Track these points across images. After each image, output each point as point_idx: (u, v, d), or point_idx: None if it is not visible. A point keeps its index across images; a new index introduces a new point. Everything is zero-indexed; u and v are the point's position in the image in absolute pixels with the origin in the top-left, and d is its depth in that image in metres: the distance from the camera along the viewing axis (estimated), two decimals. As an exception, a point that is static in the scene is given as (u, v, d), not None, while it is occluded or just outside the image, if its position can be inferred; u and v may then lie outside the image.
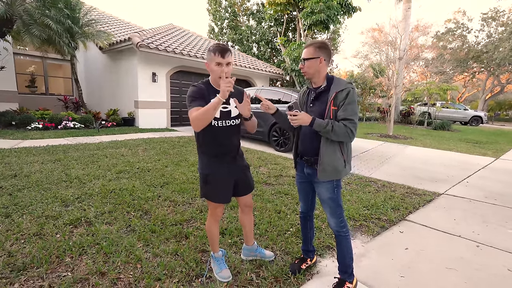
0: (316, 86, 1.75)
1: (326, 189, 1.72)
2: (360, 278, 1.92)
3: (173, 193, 3.34)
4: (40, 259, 1.96)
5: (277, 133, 6.52)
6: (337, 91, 1.62)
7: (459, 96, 30.50)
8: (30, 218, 2.55)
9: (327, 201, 1.74)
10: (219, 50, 1.59)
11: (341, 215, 1.75)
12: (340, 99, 1.62)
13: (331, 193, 1.72)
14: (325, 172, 1.66)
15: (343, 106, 1.62)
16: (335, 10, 11.75)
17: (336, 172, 1.67)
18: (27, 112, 8.40)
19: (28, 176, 3.67)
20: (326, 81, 1.71)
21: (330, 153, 1.65)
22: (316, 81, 1.74)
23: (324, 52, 1.67)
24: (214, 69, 1.63)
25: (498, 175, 5.00)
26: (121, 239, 2.27)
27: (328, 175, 1.67)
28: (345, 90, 1.62)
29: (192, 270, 1.92)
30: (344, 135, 1.60)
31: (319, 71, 1.70)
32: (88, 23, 9.17)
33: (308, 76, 1.73)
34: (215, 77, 1.67)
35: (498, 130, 15.74)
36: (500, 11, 23.22)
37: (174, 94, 10.21)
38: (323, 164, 1.66)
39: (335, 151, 1.67)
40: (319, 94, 1.72)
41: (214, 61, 1.61)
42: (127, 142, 6.34)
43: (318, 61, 1.67)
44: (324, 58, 1.67)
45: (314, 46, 1.68)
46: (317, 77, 1.72)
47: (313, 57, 1.67)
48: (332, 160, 1.66)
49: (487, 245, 2.47)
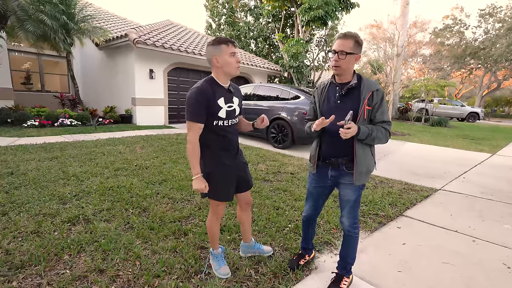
0: (342, 81, 1.64)
1: (354, 191, 1.66)
2: (358, 273, 1.94)
3: (172, 190, 3.34)
4: (38, 256, 1.95)
5: (275, 130, 6.51)
6: (373, 91, 1.55)
7: (456, 92, 30.62)
8: (27, 216, 2.54)
9: (350, 202, 1.68)
10: (230, 41, 1.59)
11: (357, 216, 1.73)
12: (376, 100, 1.56)
13: (357, 195, 1.68)
14: (361, 175, 1.61)
15: (380, 108, 1.57)
16: (333, 6, 11.68)
17: (369, 173, 1.66)
18: (23, 110, 8.32)
19: (25, 174, 3.64)
20: (356, 78, 1.61)
21: (365, 156, 1.62)
22: (344, 77, 1.62)
23: (360, 49, 1.57)
24: (230, 61, 1.59)
25: (495, 171, 5.04)
26: (120, 236, 2.27)
27: (364, 178, 1.63)
28: (379, 90, 1.57)
29: (191, 267, 1.93)
30: (385, 139, 1.59)
31: (351, 67, 1.60)
32: (84, 19, 9.06)
33: (340, 71, 1.59)
34: (231, 69, 1.62)
35: (495, 126, 15.84)
36: (498, 7, 23.24)
37: (171, 91, 10.16)
38: (360, 168, 1.60)
39: (369, 153, 1.64)
40: (348, 90, 1.62)
41: (228, 52, 1.57)
42: (125, 140, 6.32)
43: (355, 57, 1.55)
44: (360, 55, 1.58)
45: (353, 40, 1.53)
46: (347, 73, 1.61)
47: (353, 53, 1.53)
48: (367, 163, 1.63)
49: (483, 240, 2.50)
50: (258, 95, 7.34)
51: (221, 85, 1.66)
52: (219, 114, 1.64)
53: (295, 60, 12.73)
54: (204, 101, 1.57)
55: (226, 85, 1.68)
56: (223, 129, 1.69)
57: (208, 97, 1.58)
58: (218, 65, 1.61)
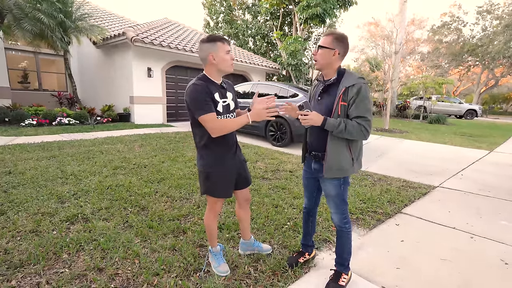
0: (327, 78, 1.68)
1: (332, 186, 1.68)
2: (356, 270, 1.95)
3: (170, 188, 3.33)
4: (37, 256, 1.95)
5: (274, 128, 6.51)
6: (347, 86, 1.55)
7: (454, 89, 30.69)
8: (26, 215, 2.54)
9: (332, 197, 1.71)
10: (224, 39, 1.62)
11: (345, 212, 1.73)
12: (351, 95, 1.54)
13: (337, 190, 1.68)
14: (331, 170, 1.62)
15: (355, 103, 1.54)
16: (331, 3, 11.66)
17: (342, 170, 1.63)
18: (20, 109, 8.28)
19: (23, 173, 3.63)
20: (337, 74, 1.64)
21: (337, 151, 1.61)
22: (326, 73, 1.67)
23: (341, 46, 1.59)
24: (226, 58, 1.63)
25: (492, 167, 5.06)
26: (119, 235, 2.27)
27: (334, 173, 1.63)
28: (356, 85, 1.54)
29: (190, 265, 1.93)
30: (358, 134, 1.55)
31: (331, 63, 1.61)
32: (81, 17, 9.00)
33: (318, 66, 1.65)
34: (225, 66, 1.65)
35: (492, 123, 15.90)
36: (495, 4, 23.27)
37: (170, 89, 10.13)
38: (329, 162, 1.62)
39: (343, 149, 1.61)
40: (327, 87, 1.66)
41: (224, 50, 1.61)
42: (123, 138, 6.30)
43: (332, 53, 1.58)
44: (339, 51, 1.59)
45: (333, 36, 1.58)
46: (328, 68, 1.64)
47: (328, 47, 1.58)
48: (338, 159, 1.61)
49: (481, 236, 2.52)
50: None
51: (214, 82, 1.69)
52: (218, 109, 1.67)
53: (293, 58, 12.71)
54: (205, 94, 1.60)
55: (218, 81, 1.71)
56: None
57: (206, 91, 1.61)
58: (214, 62, 1.62)
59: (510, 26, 21.15)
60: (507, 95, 32.97)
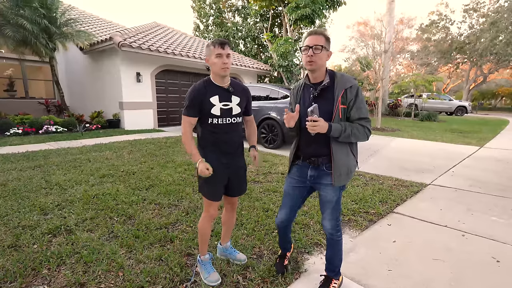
0: (316, 81, 1.58)
1: (334, 191, 1.60)
2: (348, 274, 1.90)
3: (159, 195, 3.25)
4: (14, 273, 1.85)
5: (266, 130, 6.47)
6: (346, 88, 1.49)
7: (444, 87, 31.16)
8: (5, 229, 2.43)
9: (331, 203, 1.62)
10: (218, 42, 1.62)
11: (339, 218, 1.68)
12: (350, 97, 1.49)
13: (338, 195, 1.62)
14: (341, 176, 1.55)
15: (355, 104, 1.49)
16: (320, 4, 11.73)
17: (350, 174, 1.59)
18: (6, 118, 8.07)
19: (4, 184, 3.50)
20: (328, 76, 1.56)
21: (344, 155, 1.55)
22: (317, 75, 1.57)
23: (329, 46, 1.54)
24: (215, 61, 1.63)
25: (482, 163, 5.10)
26: (103, 246, 2.18)
27: (343, 179, 1.57)
28: (354, 87, 1.50)
29: (177, 276, 1.86)
30: (363, 136, 1.51)
31: (324, 65, 1.55)
32: (67, 23, 8.84)
33: (315, 67, 1.52)
34: (217, 70, 1.65)
35: (482, 119, 16.15)
36: (481, 2, 23.73)
37: (160, 94, 10.01)
38: (338, 169, 1.53)
39: (348, 153, 1.56)
40: (322, 91, 1.56)
41: (214, 54, 1.62)
42: (112, 145, 6.17)
43: (327, 54, 1.52)
44: (331, 52, 1.55)
45: (325, 36, 1.50)
46: (321, 70, 1.56)
47: (326, 48, 1.50)
48: (346, 163, 1.56)
49: (472, 233, 2.50)
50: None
51: (216, 84, 1.70)
52: (212, 111, 1.68)
53: (284, 59, 12.72)
54: (196, 97, 1.66)
55: (222, 84, 1.71)
56: (217, 127, 1.72)
57: (200, 93, 1.66)
58: (209, 65, 1.69)
59: (496, 23, 21.58)
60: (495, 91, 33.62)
